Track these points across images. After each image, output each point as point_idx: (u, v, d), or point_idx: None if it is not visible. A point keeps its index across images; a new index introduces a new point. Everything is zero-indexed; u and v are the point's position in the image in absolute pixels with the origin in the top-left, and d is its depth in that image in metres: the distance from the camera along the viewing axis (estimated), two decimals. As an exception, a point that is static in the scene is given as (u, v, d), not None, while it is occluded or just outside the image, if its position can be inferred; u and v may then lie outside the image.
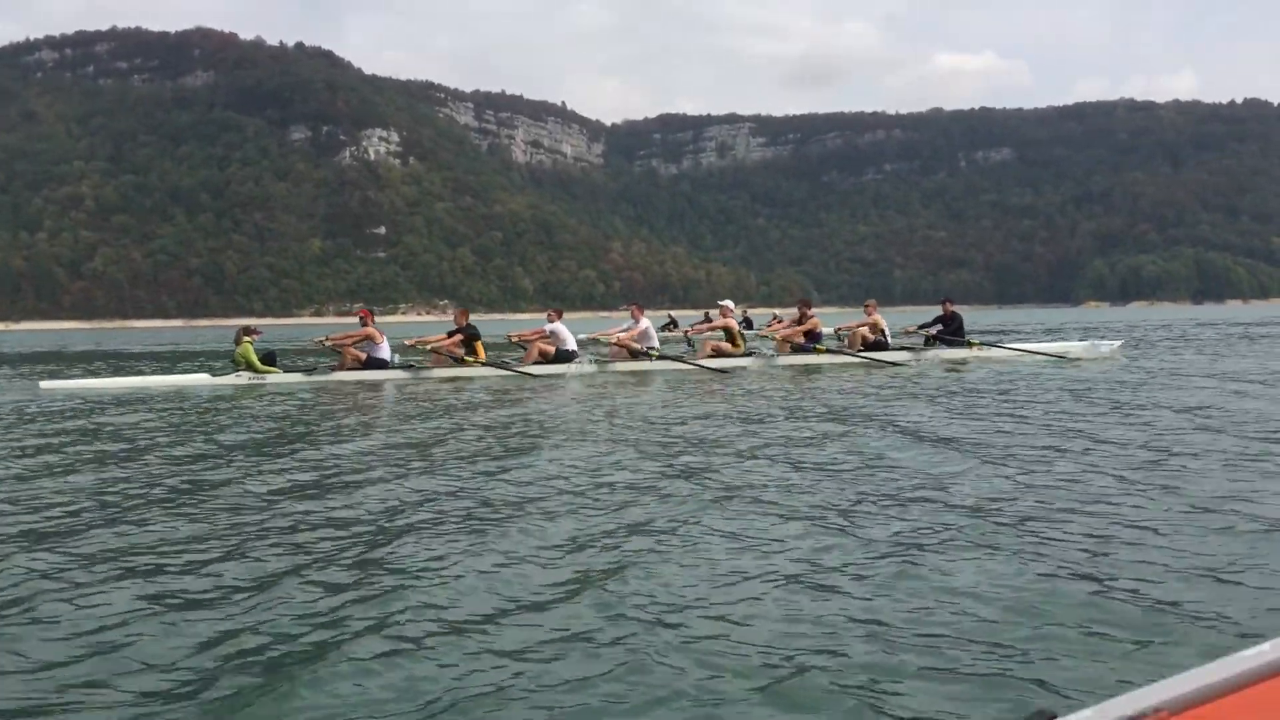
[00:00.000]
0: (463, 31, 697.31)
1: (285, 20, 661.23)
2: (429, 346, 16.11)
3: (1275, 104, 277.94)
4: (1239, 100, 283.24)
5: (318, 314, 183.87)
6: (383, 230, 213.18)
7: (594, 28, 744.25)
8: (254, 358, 14.93)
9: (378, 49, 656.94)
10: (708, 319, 27.62)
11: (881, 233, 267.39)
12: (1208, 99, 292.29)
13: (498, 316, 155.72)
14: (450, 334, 16.22)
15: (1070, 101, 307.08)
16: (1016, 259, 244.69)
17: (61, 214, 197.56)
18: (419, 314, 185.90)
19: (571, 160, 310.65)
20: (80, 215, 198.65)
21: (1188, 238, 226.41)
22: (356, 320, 16.43)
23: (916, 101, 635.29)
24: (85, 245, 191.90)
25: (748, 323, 34.86)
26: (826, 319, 41.67)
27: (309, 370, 15.67)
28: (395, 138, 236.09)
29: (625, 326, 17.63)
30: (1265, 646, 0.88)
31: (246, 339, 15.11)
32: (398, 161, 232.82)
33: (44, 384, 15.08)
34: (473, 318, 17.22)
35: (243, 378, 14.69)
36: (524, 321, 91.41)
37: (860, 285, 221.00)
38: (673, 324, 33.73)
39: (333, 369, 15.66)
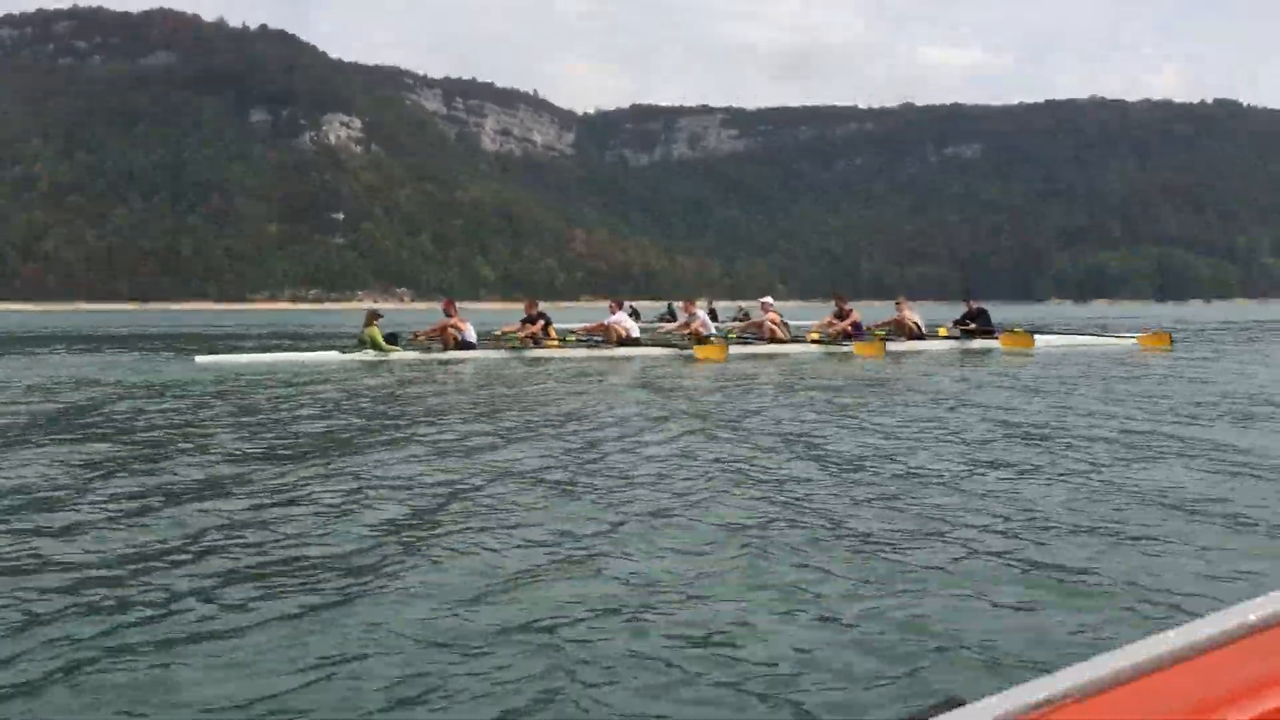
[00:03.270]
0: (434, 17, 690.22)
1: (250, 2, 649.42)
2: (519, 335, 18.24)
3: (1245, 104, 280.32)
4: (1209, 100, 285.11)
5: (273, 299, 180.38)
6: (341, 216, 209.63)
7: (569, 14, 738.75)
8: (380, 338, 17.06)
9: (346, 33, 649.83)
10: (745, 314, 30.49)
11: (851, 225, 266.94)
12: (1179, 99, 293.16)
13: (457, 305, 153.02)
14: (524, 321, 18.44)
15: (1041, 99, 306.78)
16: (982, 254, 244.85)
17: (13, 194, 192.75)
18: (375, 300, 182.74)
19: (542, 149, 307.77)
20: (33, 196, 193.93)
21: (1152, 234, 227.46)
22: (439, 309, 18.53)
23: (894, 97, 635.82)
24: (37, 227, 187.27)
25: (713, 314, 34.16)
26: (790, 313, 40.03)
27: (425, 349, 17.87)
28: (357, 123, 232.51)
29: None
30: (1170, 634, 0.89)
31: (376, 322, 17.32)
32: (359, 147, 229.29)
33: (199, 359, 16.54)
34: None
35: (369, 354, 16.83)
36: (487, 310, 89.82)
37: (827, 277, 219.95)
38: (635, 314, 33.50)
39: (441, 348, 18.08)
